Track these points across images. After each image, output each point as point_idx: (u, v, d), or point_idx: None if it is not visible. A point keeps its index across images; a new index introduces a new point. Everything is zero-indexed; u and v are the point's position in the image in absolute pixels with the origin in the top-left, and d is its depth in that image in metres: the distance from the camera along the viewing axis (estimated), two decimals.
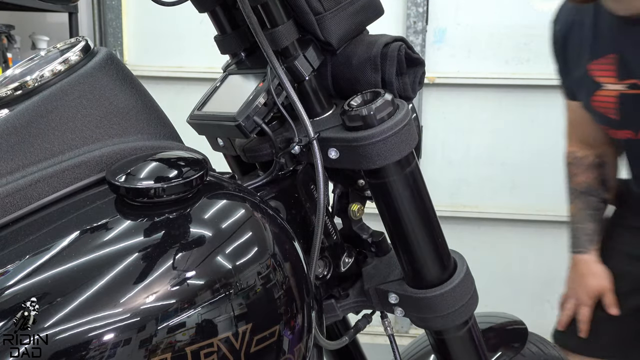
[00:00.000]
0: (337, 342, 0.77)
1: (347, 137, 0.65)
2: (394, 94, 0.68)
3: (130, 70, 0.67)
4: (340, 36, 0.70)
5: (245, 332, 0.52)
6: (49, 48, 0.69)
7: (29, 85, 0.60)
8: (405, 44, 0.71)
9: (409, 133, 0.66)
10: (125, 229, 0.52)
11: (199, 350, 0.49)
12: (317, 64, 0.70)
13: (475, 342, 0.80)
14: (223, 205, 0.58)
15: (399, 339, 0.86)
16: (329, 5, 0.68)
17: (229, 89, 0.75)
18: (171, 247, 0.51)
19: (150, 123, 0.64)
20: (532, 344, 1.03)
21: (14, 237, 0.52)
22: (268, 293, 0.55)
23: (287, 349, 0.57)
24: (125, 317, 0.47)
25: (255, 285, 0.54)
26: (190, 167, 0.55)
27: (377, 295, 0.77)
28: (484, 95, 2.52)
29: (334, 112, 0.72)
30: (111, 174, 0.54)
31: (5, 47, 2.41)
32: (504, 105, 2.52)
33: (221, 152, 0.81)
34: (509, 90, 2.49)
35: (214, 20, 0.77)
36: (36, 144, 0.57)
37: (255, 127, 0.67)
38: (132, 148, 0.60)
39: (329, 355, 0.92)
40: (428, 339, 0.83)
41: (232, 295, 0.53)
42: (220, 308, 0.51)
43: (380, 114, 0.64)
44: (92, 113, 0.60)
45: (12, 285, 0.47)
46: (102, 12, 2.65)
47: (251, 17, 0.64)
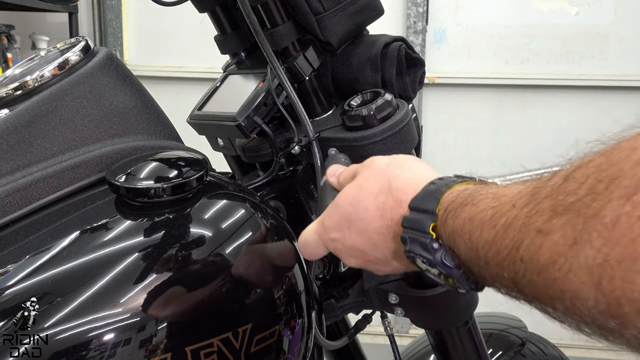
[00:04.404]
0: (337, 342, 0.77)
1: (347, 137, 0.65)
2: (394, 94, 0.68)
3: (130, 70, 0.67)
4: (340, 36, 0.70)
5: (246, 332, 0.52)
6: (49, 48, 0.69)
7: (29, 85, 0.60)
8: (405, 44, 0.71)
9: (409, 133, 0.66)
10: (125, 229, 0.52)
11: (198, 350, 0.49)
12: (317, 64, 0.70)
13: (475, 342, 0.80)
14: (223, 206, 0.58)
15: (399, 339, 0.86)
16: (329, 5, 0.68)
17: (229, 89, 0.75)
18: (171, 247, 0.51)
19: (150, 123, 0.64)
20: (532, 344, 1.03)
21: (14, 237, 0.52)
22: (268, 293, 0.55)
23: (287, 349, 0.57)
24: (125, 317, 0.47)
25: (255, 285, 0.54)
26: (190, 167, 0.55)
27: (377, 295, 0.77)
28: (484, 95, 2.52)
29: (334, 112, 0.72)
30: (111, 174, 0.54)
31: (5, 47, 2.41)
32: (504, 105, 2.52)
33: (221, 152, 0.81)
34: (509, 90, 2.49)
35: (214, 20, 0.77)
36: (36, 144, 0.57)
37: (255, 127, 0.67)
38: (132, 148, 0.60)
39: (329, 355, 0.92)
40: (428, 339, 0.83)
41: (232, 295, 0.52)
42: (220, 308, 0.51)
43: (380, 114, 0.64)
44: (92, 113, 0.60)
45: (12, 285, 0.47)
46: (102, 12, 2.64)
47: (251, 17, 0.64)
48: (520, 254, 0.33)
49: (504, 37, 2.46)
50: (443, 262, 0.41)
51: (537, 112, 2.49)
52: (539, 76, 2.42)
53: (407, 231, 0.43)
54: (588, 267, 0.29)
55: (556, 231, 0.31)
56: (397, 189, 0.47)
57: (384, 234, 0.48)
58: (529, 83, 2.45)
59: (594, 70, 2.39)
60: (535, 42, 2.43)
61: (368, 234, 0.49)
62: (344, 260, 0.54)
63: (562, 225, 0.30)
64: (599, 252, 0.28)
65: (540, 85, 2.44)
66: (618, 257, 0.27)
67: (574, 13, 2.39)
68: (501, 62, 2.49)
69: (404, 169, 0.49)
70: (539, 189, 0.34)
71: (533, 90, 2.47)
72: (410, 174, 0.48)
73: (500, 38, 2.46)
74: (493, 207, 0.37)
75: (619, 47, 2.38)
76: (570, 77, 2.39)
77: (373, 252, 0.50)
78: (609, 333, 0.29)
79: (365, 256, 0.51)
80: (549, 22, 2.40)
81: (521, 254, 0.33)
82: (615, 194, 0.28)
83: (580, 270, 0.29)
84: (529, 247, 0.32)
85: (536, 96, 2.48)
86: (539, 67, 2.43)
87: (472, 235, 0.38)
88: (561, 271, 0.30)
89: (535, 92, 2.47)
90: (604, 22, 2.38)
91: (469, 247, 0.38)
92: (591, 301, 0.29)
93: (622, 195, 0.28)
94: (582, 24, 2.38)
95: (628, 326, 0.28)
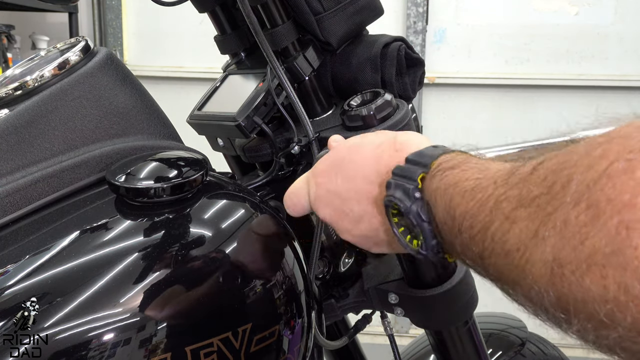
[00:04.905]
0: (337, 342, 0.77)
1: (347, 137, 0.65)
2: (394, 94, 0.68)
3: (130, 70, 0.67)
4: (340, 36, 0.70)
5: (245, 332, 0.52)
6: (49, 48, 0.69)
7: (29, 85, 0.60)
8: (405, 44, 0.71)
9: None
10: (125, 229, 0.52)
11: (198, 350, 0.49)
12: (317, 64, 0.70)
13: (475, 342, 0.80)
14: (223, 205, 0.58)
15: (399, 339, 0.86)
16: (329, 5, 0.68)
17: (229, 89, 0.75)
18: (171, 247, 0.51)
19: (150, 123, 0.64)
20: (532, 344, 1.03)
21: (14, 237, 0.52)
22: (268, 293, 0.55)
23: (287, 349, 0.57)
24: (125, 317, 0.47)
25: (255, 285, 0.54)
26: (190, 167, 0.56)
27: (377, 295, 0.77)
28: (484, 95, 2.52)
29: (334, 112, 0.72)
30: (111, 174, 0.54)
31: (5, 47, 2.41)
32: (504, 105, 2.52)
33: (221, 152, 0.81)
34: (509, 90, 2.49)
35: (213, 20, 0.77)
36: (36, 144, 0.57)
37: (255, 127, 0.67)
38: (132, 148, 0.60)
39: (329, 355, 0.92)
40: (428, 339, 0.83)
41: (232, 295, 0.53)
42: (220, 307, 0.51)
43: (380, 114, 0.64)
44: (92, 113, 0.60)
45: (12, 285, 0.47)
46: (102, 12, 2.65)
47: (251, 17, 0.64)
48: (490, 233, 0.34)
49: (504, 37, 2.46)
50: (418, 213, 0.42)
51: (537, 112, 2.49)
52: (539, 76, 2.42)
53: (395, 178, 0.44)
54: (543, 261, 0.30)
55: (521, 221, 0.32)
56: (401, 142, 0.49)
57: (372, 180, 0.48)
58: (529, 83, 2.45)
59: (594, 70, 2.39)
60: (535, 42, 2.43)
61: (355, 180, 0.50)
62: (319, 211, 0.53)
63: (526, 217, 0.32)
64: (553, 249, 0.29)
65: (540, 85, 2.44)
66: (567, 257, 0.29)
67: (574, 13, 2.39)
68: (501, 62, 2.49)
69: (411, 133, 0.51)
70: (513, 173, 0.35)
71: (533, 90, 2.47)
72: (416, 136, 0.50)
73: (500, 38, 2.46)
74: (476, 179, 0.38)
75: (619, 47, 2.38)
76: (570, 77, 2.39)
77: (351, 203, 0.50)
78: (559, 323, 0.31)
79: (342, 206, 0.51)
80: (549, 22, 2.40)
81: (491, 234, 0.34)
82: (567, 198, 0.29)
83: (537, 263, 0.30)
84: (498, 229, 0.34)
85: (536, 96, 2.48)
86: (539, 67, 2.43)
87: (452, 201, 0.38)
88: (522, 259, 0.32)
89: (535, 92, 2.47)
90: (604, 22, 2.38)
91: (447, 211, 0.39)
92: (544, 293, 0.30)
93: (571, 201, 0.29)
94: (582, 24, 2.38)
95: (573, 322, 0.29)
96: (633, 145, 0.28)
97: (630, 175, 0.27)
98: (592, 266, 0.27)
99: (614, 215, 0.27)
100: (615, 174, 0.27)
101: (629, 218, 0.26)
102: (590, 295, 0.28)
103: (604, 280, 0.27)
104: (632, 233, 0.26)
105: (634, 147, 0.28)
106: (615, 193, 0.27)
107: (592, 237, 0.27)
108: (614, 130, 0.30)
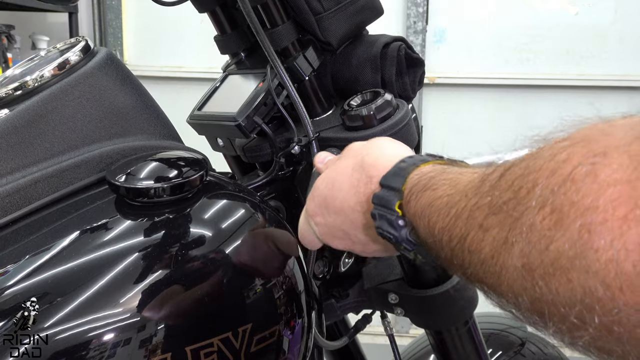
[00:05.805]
0: (337, 342, 0.77)
1: (347, 137, 0.65)
2: (394, 94, 0.68)
3: (130, 70, 0.67)
4: (340, 36, 0.70)
5: (245, 332, 0.52)
6: (49, 48, 0.69)
7: (29, 85, 0.60)
8: (405, 44, 0.71)
9: (408, 133, 0.66)
10: (125, 229, 0.52)
11: (198, 349, 0.49)
12: (317, 64, 0.70)
13: (475, 342, 0.80)
14: (223, 205, 0.58)
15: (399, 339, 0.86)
16: (329, 5, 0.68)
17: (229, 89, 0.75)
18: (171, 247, 0.51)
19: (150, 123, 0.64)
20: (532, 343, 1.03)
21: (14, 237, 0.52)
22: (268, 293, 0.55)
23: (287, 349, 0.57)
24: (125, 317, 0.47)
25: (256, 285, 0.54)
26: (190, 167, 0.56)
27: (377, 295, 0.77)
28: (484, 95, 2.52)
29: (334, 112, 0.72)
30: (111, 174, 0.54)
31: (5, 47, 2.41)
32: (504, 105, 2.52)
33: (221, 152, 0.81)
34: (509, 90, 2.49)
35: (214, 20, 0.77)
36: (36, 144, 0.57)
37: (255, 127, 0.67)
38: (132, 148, 0.60)
39: (329, 355, 0.92)
40: (428, 339, 0.83)
41: (232, 295, 0.53)
42: (220, 307, 0.51)
43: (380, 114, 0.64)
44: (92, 113, 0.60)
45: (12, 285, 0.47)
46: (102, 12, 2.64)
47: (251, 17, 0.64)
48: (467, 244, 0.35)
49: (504, 37, 2.46)
50: (408, 239, 0.43)
51: (537, 112, 2.49)
52: (539, 76, 2.42)
53: (377, 208, 0.45)
54: (515, 267, 0.30)
55: (492, 228, 0.32)
56: (369, 165, 0.49)
57: (358, 210, 0.49)
58: (529, 83, 2.45)
59: (594, 70, 2.39)
60: (535, 42, 2.43)
61: (345, 212, 0.50)
62: (331, 243, 0.55)
63: (497, 223, 0.32)
64: (522, 254, 0.30)
65: (540, 85, 2.44)
66: (534, 262, 0.29)
67: (574, 13, 2.39)
68: (501, 62, 2.49)
69: (378, 147, 0.51)
70: (483, 182, 0.35)
71: (533, 90, 2.47)
72: (383, 151, 0.50)
73: (500, 38, 2.46)
74: (448, 195, 0.38)
75: (619, 47, 2.38)
76: (570, 77, 2.39)
77: (354, 231, 0.51)
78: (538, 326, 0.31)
79: (348, 236, 0.52)
80: (549, 22, 2.40)
81: (468, 245, 0.35)
82: (532, 202, 0.30)
83: (510, 269, 0.31)
84: (474, 239, 0.34)
85: (536, 96, 2.48)
86: (539, 67, 2.43)
87: (430, 220, 0.39)
88: (497, 266, 0.32)
89: (535, 92, 2.47)
90: (604, 22, 2.38)
91: (428, 230, 0.40)
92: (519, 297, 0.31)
93: (536, 205, 0.29)
94: (582, 24, 2.38)
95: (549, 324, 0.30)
96: (596, 149, 0.28)
97: (593, 178, 0.27)
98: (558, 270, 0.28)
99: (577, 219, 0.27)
100: (579, 177, 0.28)
101: (591, 221, 0.26)
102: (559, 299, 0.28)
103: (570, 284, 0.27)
104: (593, 236, 0.26)
105: (597, 150, 0.28)
106: (578, 197, 0.27)
107: (557, 240, 0.28)
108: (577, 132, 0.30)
